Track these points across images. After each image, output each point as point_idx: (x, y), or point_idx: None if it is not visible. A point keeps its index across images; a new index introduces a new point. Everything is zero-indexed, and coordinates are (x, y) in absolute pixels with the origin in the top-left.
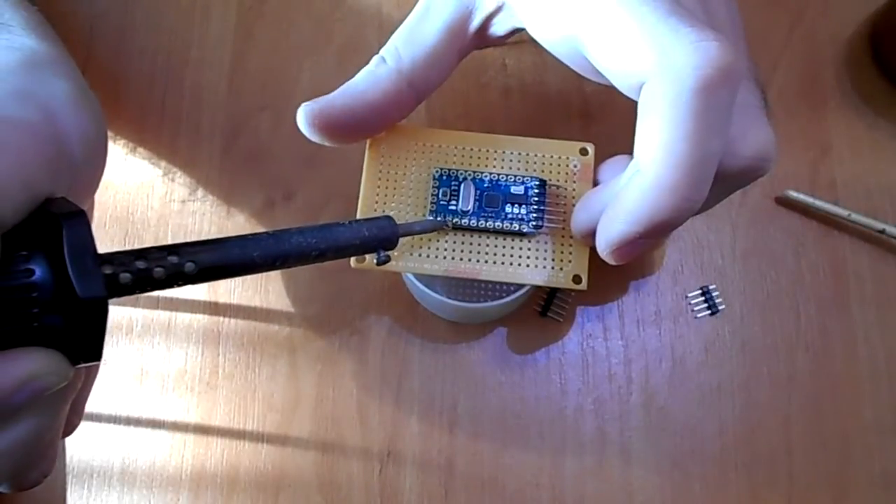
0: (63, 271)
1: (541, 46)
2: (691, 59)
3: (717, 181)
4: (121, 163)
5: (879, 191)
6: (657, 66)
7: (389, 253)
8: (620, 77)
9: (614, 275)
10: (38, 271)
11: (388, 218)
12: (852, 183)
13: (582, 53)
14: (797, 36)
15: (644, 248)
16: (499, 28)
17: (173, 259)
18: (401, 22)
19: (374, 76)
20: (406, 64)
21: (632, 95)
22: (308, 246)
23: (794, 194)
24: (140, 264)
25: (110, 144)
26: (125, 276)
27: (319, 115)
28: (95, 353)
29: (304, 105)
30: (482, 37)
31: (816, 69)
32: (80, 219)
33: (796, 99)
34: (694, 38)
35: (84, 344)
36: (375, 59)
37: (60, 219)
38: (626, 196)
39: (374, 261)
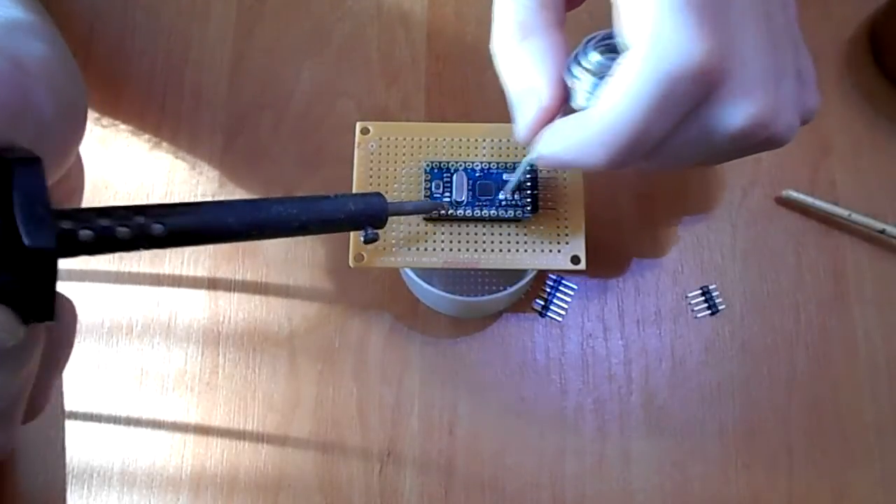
0: (11, 220)
1: None
2: (677, 48)
3: (710, 147)
4: (120, 162)
5: (879, 191)
6: (648, 34)
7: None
8: (624, 16)
9: (614, 275)
10: None
11: (378, 194)
12: (852, 183)
13: None
14: None
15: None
16: None
17: (139, 220)
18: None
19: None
20: None
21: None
22: (288, 216)
23: (794, 194)
24: (103, 222)
25: (109, 144)
26: (86, 234)
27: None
28: (46, 312)
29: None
30: None
31: (816, 69)
32: (34, 166)
33: None
34: (692, 35)
35: (33, 300)
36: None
37: (12, 164)
38: (562, 122)
39: (361, 238)
